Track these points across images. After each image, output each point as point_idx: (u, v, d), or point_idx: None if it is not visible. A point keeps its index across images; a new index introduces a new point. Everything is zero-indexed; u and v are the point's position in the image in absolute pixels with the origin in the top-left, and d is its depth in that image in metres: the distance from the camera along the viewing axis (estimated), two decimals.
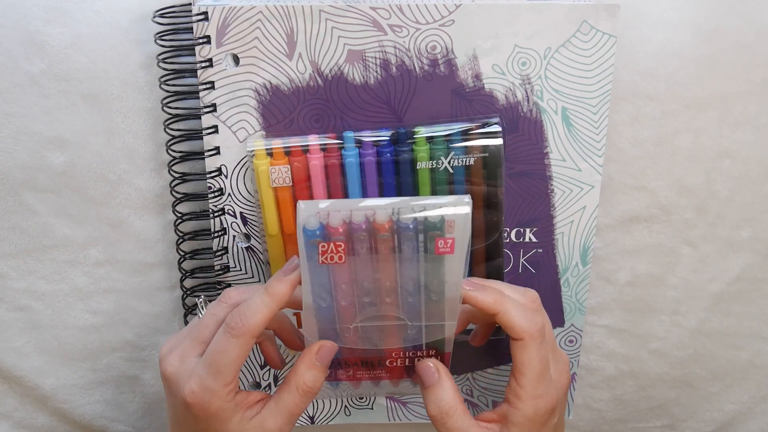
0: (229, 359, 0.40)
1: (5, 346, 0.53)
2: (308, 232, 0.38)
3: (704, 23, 0.47)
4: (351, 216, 0.38)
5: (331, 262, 0.39)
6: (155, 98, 0.47)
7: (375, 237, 0.39)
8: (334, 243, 0.39)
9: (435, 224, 0.38)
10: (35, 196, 0.49)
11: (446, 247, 0.39)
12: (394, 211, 0.38)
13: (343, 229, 0.38)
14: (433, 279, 0.41)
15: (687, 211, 0.51)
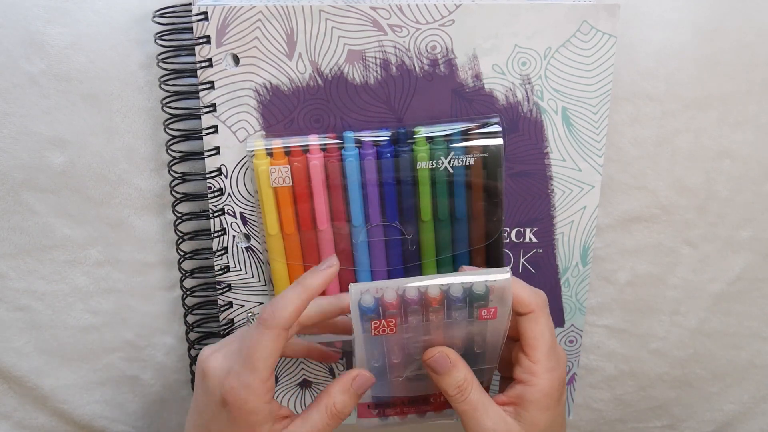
0: (262, 353, 0.40)
1: (5, 346, 0.53)
2: (364, 309, 0.40)
3: (704, 23, 0.47)
4: (405, 292, 0.40)
5: (382, 334, 0.41)
6: (155, 98, 0.47)
7: (427, 309, 0.41)
8: (386, 320, 0.41)
9: (480, 295, 0.40)
10: (35, 196, 0.49)
11: (489, 315, 0.41)
12: (443, 284, 0.40)
13: (396, 303, 0.40)
14: (477, 337, 0.43)
15: (687, 211, 0.51)
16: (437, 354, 0.42)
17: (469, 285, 0.40)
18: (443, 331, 0.42)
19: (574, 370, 0.54)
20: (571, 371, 0.54)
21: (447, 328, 0.42)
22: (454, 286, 0.40)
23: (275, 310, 0.40)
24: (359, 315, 0.40)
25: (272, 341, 0.40)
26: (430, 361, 0.43)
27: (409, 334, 0.42)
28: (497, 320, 0.41)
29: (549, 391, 0.42)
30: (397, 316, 0.40)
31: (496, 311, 0.41)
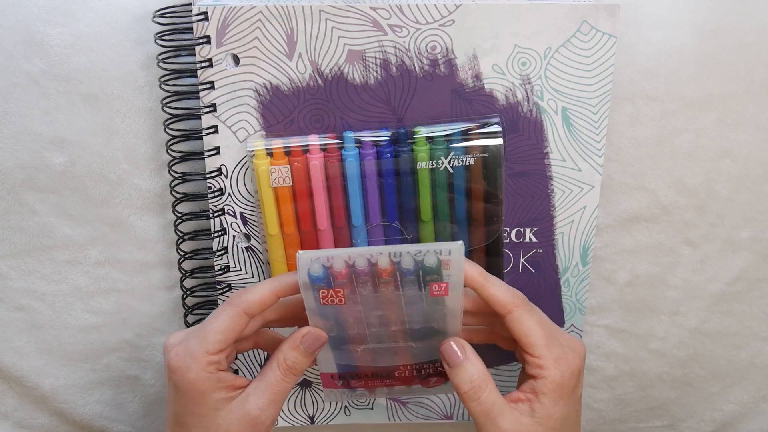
0: (216, 326, 0.41)
1: (5, 346, 0.53)
2: (313, 277, 0.40)
3: (704, 23, 0.47)
4: (354, 262, 0.39)
5: (331, 304, 0.41)
6: (155, 98, 0.47)
7: (378, 280, 0.40)
8: (334, 290, 0.40)
9: (431, 268, 0.39)
10: (35, 196, 0.49)
11: (441, 290, 0.40)
12: (392, 254, 0.39)
13: (345, 273, 0.40)
14: (434, 312, 0.42)
15: (687, 211, 0.51)
16: (447, 344, 0.42)
17: (420, 257, 0.39)
18: (397, 305, 0.41)
19: None
20: None
21: (402, 303, 0.41)
22: (405, 258, 0.39)
23: (243, 293, 0.41)
24: (309, 284, 0.40)
25: (229, 318, 0.41)
26: (441, 349, 0.43)
27: (359, 306, 0.41)
28: (451, 298, 0.41)
29: (560, 380, 0.41)
30: (346, 286, 0.40)
31: (448, 287, 0.40)
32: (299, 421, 0.55)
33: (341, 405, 0.55)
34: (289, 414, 0.55)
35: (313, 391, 0.54)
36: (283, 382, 0.42)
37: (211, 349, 0.40)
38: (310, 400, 0.55)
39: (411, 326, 0.43)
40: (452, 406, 0.55)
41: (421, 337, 0.44)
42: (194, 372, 0.40)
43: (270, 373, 0.42)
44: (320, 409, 0.55)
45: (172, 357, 0.41)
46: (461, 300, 0.41)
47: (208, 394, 0.41)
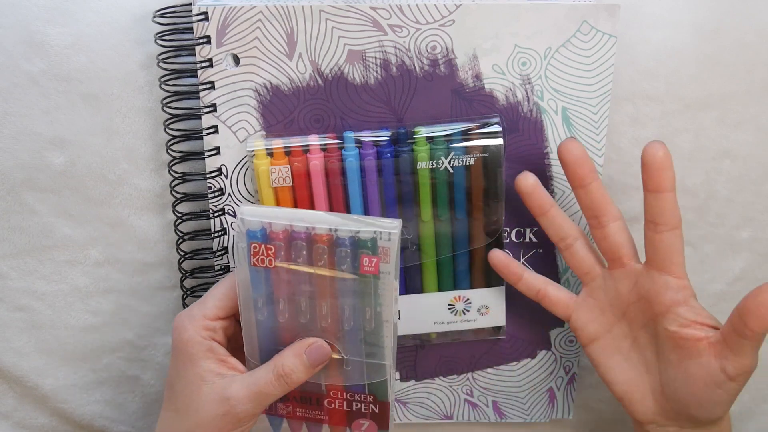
0: (216, 292, 0.42)
1: (5, 346, 0.53)
2: (251, 234, 0.39)
3: (704, 23, 0.47)
4: (293, 225, 0.39)
5: (261, 265, 0.40)
6: (155, 98, 0.47)
7: (312, 247, 0.39)
8: (266, 246, 0.39)
9: (366, 242, 0.39)
10: (35, 196, 0.49)
11: (371, 266, 0.39)
12: (332, 227, 0.39)
13: (283, 236, 0.39)
14: (365, 305, 0.41)
15: (687, 211, 0.51)
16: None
17: (356, 230, 0.38)
18: (329, 286, 0.40)
19: (574, 370, 0.54)
20: (571, 371, 0.54)
21: (333, 286, 0.40)
22: (342, 230, 0.39)
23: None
24: (244, 236, 0.39)
25: (229, 286, 0.42)
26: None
27: (292, 278, 0.40)
28: (384, 283, 0.39)
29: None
30: (281, 249, 0.39)
31: (378, 264, 0.39)
32: None
33: None
34: None
35: None
36: (271, 386, 0.41)
37: (209, 314, 0.41)
38: None
39: (343, 324, 0.41)
40: (452, 406, 0.55)
41: (352, 342, 0.42)
42: (189, 333, 0.41)
43: (262, 372, 0.42)
44: None
45: (175, 319, 0.42)
46: (393, 300, 0.40)
47: (198, 360, 0.41)
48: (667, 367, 0.42)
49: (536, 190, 0.44)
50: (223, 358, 0.42)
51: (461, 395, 0.55)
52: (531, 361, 0.53)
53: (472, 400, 0.55)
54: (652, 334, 0.43)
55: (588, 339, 0.45)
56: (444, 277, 0.49)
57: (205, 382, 0.41)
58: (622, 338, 0.45)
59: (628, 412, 0.45)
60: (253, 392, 0.41)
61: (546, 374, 0.54)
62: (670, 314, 0.41)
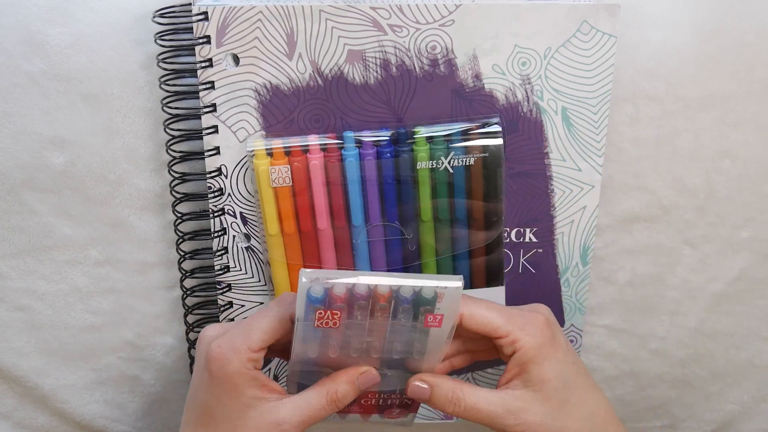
0: (263, 325, 0.41)
1: (5, 346, 0.53)
2: (312, 298, 0.39)
3: (704, 23, 0.47)
4: (354, 286, 0.39)
5: (325, 327, 0.40)
6: (155, 98, 0.47)
7: (375, 306, 0.40)
8: (332, 311, 0.39)
9: (428, 299, 0.39)
10: (35, 196, 0.49)
11: (435, 322, 0.40)
12: (394, 285, 0.39)
13: (345, 297, 0.39)
14: (418, 344, 0.42)
15: (687, 211, 0.51)
16: (411, 386, 0.43)
17: (419, 288, 0.39)
18: (386, 331, 0.41)
19: None
20: None
21: (391, 331, 0.41)
22: (405, 287, 0.39)
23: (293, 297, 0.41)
24: (305, 303, 0.39)
25: (276, 319, 0.41)
26: (408, 393, 0.43)
27: (351, 330, 0.41)
28: (441, 331, 0.41)
29: (535, 343, 0.42)
30: (344, 310, 0.40)
31: (443, 320, 0.40)
32: None
33: None
34: None
35: None
36: (324, 411, 0.42)
37: (254, 346, 0.41)
38: None
39: (391, 355, 0.42)
40: None
41: (396, 366, 0.43)
42: (234, 365, 0.41)
43: (314, 397, 0.42)
44: None
45: (213, 348, 0.41)
46: (448, 336, 0.41)
47: (243, 389, 0.41)
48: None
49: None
50: (265, 384, 0.42)
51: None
52: None
53: None
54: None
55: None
56: None
57: (251, 408, 0.41)
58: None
59: None
60: (305, 417, 0.41)
61: None
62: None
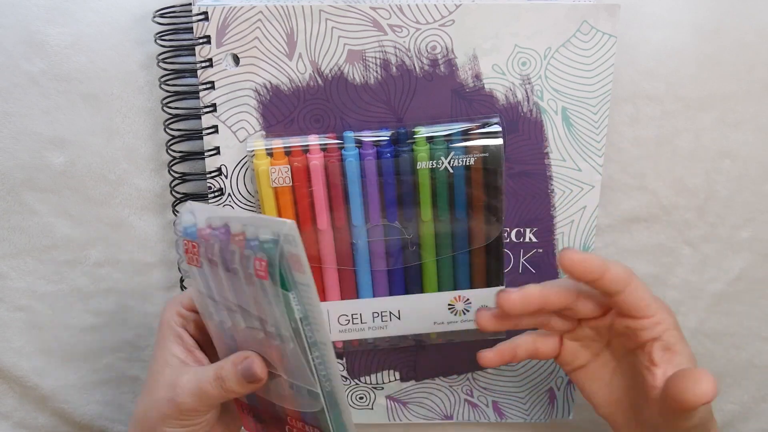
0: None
1: (5, 346, 0.53)
2: (184, 230, 0.37)
3: (704, 23, 0.47)
4: (210, 219, 0.36)
5: (192, 264, 0.38)
6: (155, 98, 0.47)
7: (228, 247, 0.35)
8: (192, 243, 0.37)
9: (266, 242, 0.34)
10: (35, 196, 0.49)
11: (261, 271, 0.34)
12: (246, 223, 0.34)
13: (206, 233, 0.36)
14: (281, 318, 0.35)
15: (687, 211, 0.51)
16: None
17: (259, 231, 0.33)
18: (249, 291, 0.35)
19: None
20: None
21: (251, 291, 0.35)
22: (250, 228, 0.33)
23: None
24: (181, 235, 0.37)
25: None
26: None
27: (216, 283, 0.37)
28: (303, 295, 0.34)
29: (675, 325, 0.41)
30: (202, 245, 0.36)
31: (267, 267, 0.33)
32: None
33: None
34: None
35: None
36: (210, 385, 0.40)
37: (185, 302, 0.43)
38: None
39: (273, 340, 0.37)
40: (452, 406, 0.55)
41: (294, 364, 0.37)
42: (165, 315, 0.43)
43: (208, 370, 0.40)
44: None
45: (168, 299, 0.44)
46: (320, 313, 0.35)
47: (167, 343, 0.42)
48: (637, 396, 0.43)
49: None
50: (190, 349, 0.42)
51: (461, 395, 0.55)
52: (531, 361, 0.53)
53: (472, 400, 0.55)
54: (631, 362, 0.43)
55: (572, 368, 0.45)
56: (444, 277, 0.49)
57: (168, 366, 0.41)
58: (604, 365, 0.45)
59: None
60: (195, 386, 0.40)
61: (546, 374, 0.54)
62: (645, 350, 0.41)
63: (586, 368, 0.45)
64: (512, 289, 0.40)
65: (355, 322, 0.50)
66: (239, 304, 0.37)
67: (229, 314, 0.38)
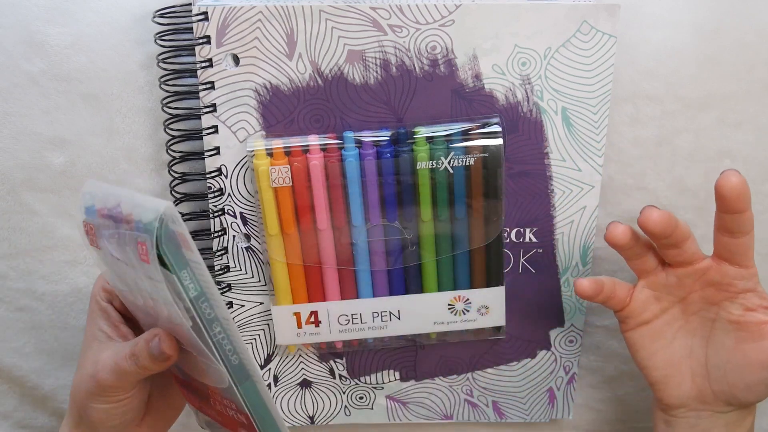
0: None
1: (5, 346, 0.53)
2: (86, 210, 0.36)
3: (704, 23, 0.47)
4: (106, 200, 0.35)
5: (93, 246, 0.37)
6: (155, 98, 0.47)
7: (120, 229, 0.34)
8: (90, 224, 0.36)
9: (146, 226, 0.32)
10: (35, 196, 0.49)
11: (143, 254, 0.33)
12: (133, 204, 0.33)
13: (103, 213, 0.35)
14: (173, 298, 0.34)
15: (687, 211, 0.51)
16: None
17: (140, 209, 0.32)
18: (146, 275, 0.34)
19: (573, 370, 0.54)
20: (571, 371, 0.54)
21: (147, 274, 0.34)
22: (136, 209, 0.32)
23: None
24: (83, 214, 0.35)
25: None
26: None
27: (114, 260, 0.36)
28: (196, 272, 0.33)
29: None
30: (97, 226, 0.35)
31: (147, 251, 0.32)
32: (299, 421, 0.55)
33: (340, 404, 0.55)
34: (289, 414, 0.55)
35: (313, 391, 0.54)
36: (125, 361, 0.39)
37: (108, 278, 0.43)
38: (310, 400, 0.55)
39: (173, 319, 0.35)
40: (452, 406, 0.55)
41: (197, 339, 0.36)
42: (94, 290, 0.44)
43: (125, 346, 0.40)
44: (320, 409, 0.55)
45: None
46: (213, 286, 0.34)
47: (94, 318, 0.43)
48: (720, 351, 0.44)
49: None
50: (116, 323, 0.43)
51: (461, 395, 0.55)
52: (531, 361, 0.53)
53: (472, 400, 0.55)
54: (706, 319, 0.44)
55: (635, 325, 0.46)
56: (444, 277, 0.49)
57: (96, 340, 0.42)
58: (669, 323, 0.45)
59: (660, 396, 0.46)
60: (113, 361, 0.40)
61: (546, 374, 0.54)
62: (738, 300, 0.43)
63: (651, 325, 0.45)
64: (657, 209, 0.42)
65: (355, 322, 0.50)
66: (138, 286, 0.36)
67: (134, 294, 0.37)
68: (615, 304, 0.45)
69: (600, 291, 0.45)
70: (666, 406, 0.46)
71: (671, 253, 0.43)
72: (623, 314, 0.46)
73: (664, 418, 0.47)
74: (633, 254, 0.44)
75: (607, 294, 0.45)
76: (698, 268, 0.43)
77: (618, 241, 0.43)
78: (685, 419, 0.45)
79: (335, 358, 0.53)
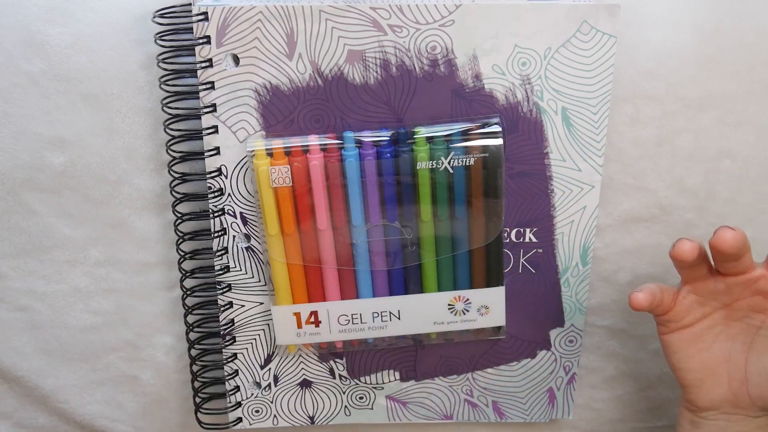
0: None
1: (5, 346, 0.53)
2: None
3: (704, 23, 0.47)
4: None
5: None
6: (155, 98, 0.47)
7: None
8: None
9: None
10: (35, 196, 0.49)
11: None
12: None
13: None
14: None
15: (687, 211, 0.51)
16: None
17: None
18: None
19: (573, 370, 0.54)
20: (571, 371, 0.54)
21: None
22: None
23: None
24: None
25: None
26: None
27: None
28: None
29: None
30: None
31: None
32: (299, 421, 0.55)
33: (340, 404, 0.55)
34: (289, 414, 0.55)
35: (313, 391, 0.54)
36: None
37: None
38: (310, 400, 0.55)
39: None
40: (452, 406, 0.55)
41: None
42: None
43: None
44: (320, 409, 0.55)
45: None
46: None
47: None
48: (762, 357, 0.44)
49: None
50: None
51: (461, 395, 0.55)
52: (531, 361, 0.53)
53: (472, 400, 0.55)
54: (750, 326, 0.44)
55: (675, 328, 0.45)
56: (444, 277, 0.49)
57: None
58: (710, 328, 0.45)
59: (692, 399, 0.46)
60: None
61: (546, 374, 0.54)
62: None
63: (691, 329, 0.45)
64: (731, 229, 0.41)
65: (355, 322, 0.50)
66: None
67: None
68: (660, 310, 0.45)
69: (654, 302, 0.44)
70: (697, 408, 0.46)
71: (728, 266, 0.43)
72: (665, 318, 0.45)
73: (691, 419, 0.47)
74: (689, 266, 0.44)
75: (657, 302, 0.44)
76: (750, 278, 0.43)
77: (686, 258, 0.42)
78: (715, 422, 0.45)
79: (335, 358, 0.53)
